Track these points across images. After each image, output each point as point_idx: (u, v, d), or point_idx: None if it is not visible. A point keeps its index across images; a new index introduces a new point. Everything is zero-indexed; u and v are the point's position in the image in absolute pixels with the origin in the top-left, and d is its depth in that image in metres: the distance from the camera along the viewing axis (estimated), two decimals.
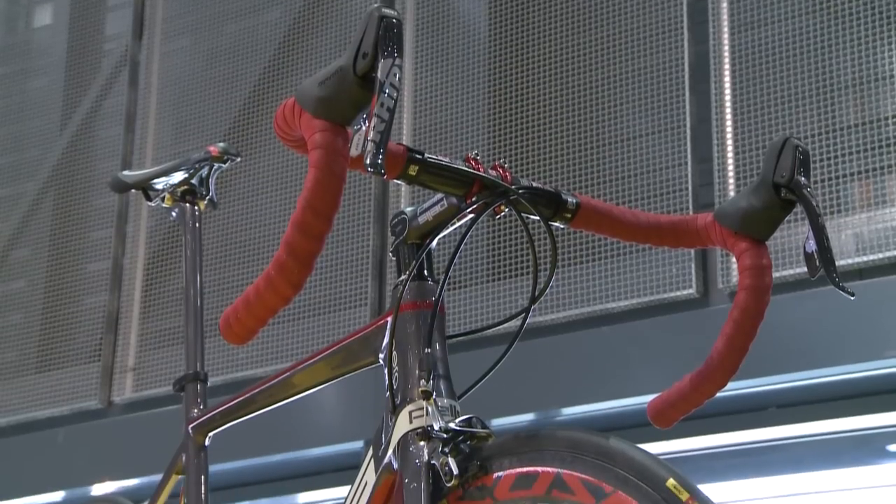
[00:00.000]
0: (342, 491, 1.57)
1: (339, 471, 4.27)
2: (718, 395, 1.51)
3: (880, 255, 3.26)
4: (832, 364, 3.34)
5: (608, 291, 3.62)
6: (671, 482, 1.21)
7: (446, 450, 1.42)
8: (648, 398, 1.56)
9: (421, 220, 1.53)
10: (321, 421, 4.19)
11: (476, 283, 3.84)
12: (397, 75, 1.32)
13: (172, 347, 4.39)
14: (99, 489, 4.50)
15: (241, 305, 1.36)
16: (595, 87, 3.78)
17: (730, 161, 3.49)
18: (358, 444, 4.00)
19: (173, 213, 2.14)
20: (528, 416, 3.77)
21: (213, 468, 1.98)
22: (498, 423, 3.57)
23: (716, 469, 3.86)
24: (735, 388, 3.38)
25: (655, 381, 1.51)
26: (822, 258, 1.43)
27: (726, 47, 3.57)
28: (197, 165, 2.09)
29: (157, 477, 2.03)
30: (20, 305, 4.81)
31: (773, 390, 3.50)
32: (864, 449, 3.69)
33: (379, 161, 1.30)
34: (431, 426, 1.44)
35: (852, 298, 1.44)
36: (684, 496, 1.19)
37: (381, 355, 1.56)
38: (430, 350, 1.49)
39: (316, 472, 4.45)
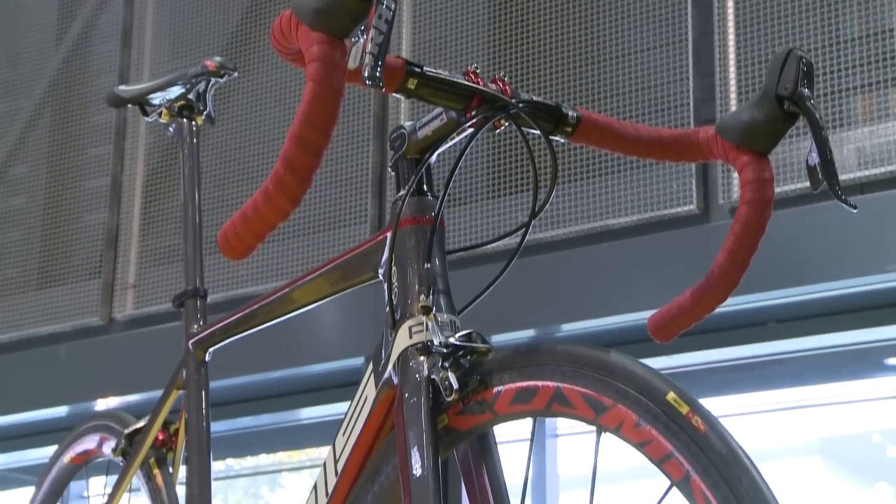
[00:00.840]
0: (343, 407, 1.58)
1: (340, 387, 4.29)
2: (718, 310, 1.51)
3: (882, 170, 3.24)
4: (832, 279, 3.34)
5: (608, 208, 3.61)
6: (671, 395, 1.21)
7: (446, 364, 1.42)
8: (649, 314, 1.56)
9: (420, 134, 1.52)
10: (322, 337, 4.20)
11: (476, 200, 3.83)
12: None
13: (172, 264, 4.39)
14: (102, 405, 4.53)
15: (239, 221, 1.35)
16: (596, 0, 3.74)
17: (732, 75, 3.46)
18: (359, 361, 4.02)
19: (170, 129, 2.12)
20: (528, 333, 3.78)
21: (214, 384, 1.99)
22: (498, 339, 3.59)
23: (715, 383, 3.88)
24: (734, 303, 3.38)
25: (655, 297, 1.50)
26: (824, 171, 1.42)
27: None
28: (194, 80, 2.07)
29: (159, 393, 2.04)
30: (20, 222, 4.80)
31: (773, 305, 3.50)
32: (862, 362, 3.71)
33: (377, 74, 1.28)
34: (431, 341, 1.44)
35: (854, 211, 1.43)
36: (684, 409, 1.19)
37: (381, 271, 1.56)
38: (429, 265, 1.49)
39: (317, 388, 4.48)
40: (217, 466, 5.68)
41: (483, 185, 3.84)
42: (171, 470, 2.03)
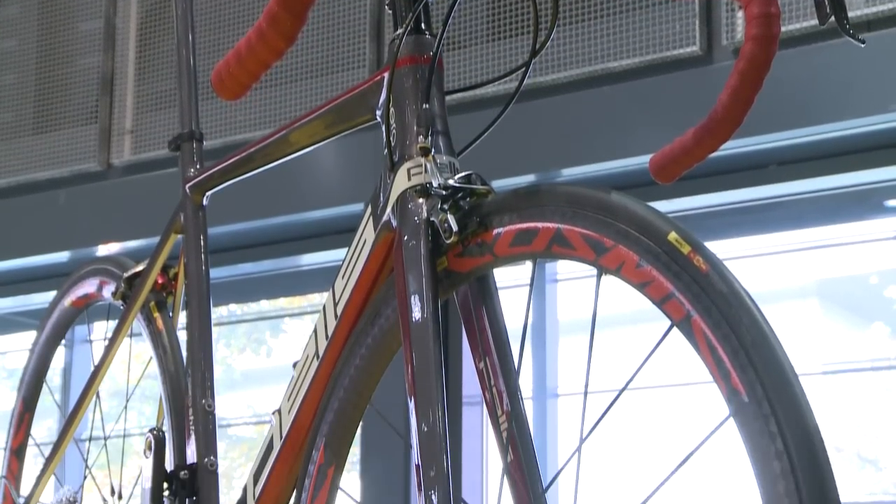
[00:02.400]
0: (344, 253, 1.57)
1: (341, 233, 4.30)
2: (719, 152, 1.48)
3: (890, 6, 3.17)
4: (834, 119, 3.31)
5: (609, 50, 3.56)
6: (673, 235, 1.19)
7: (445, 206, 1.40)
8: (650, 158, 1.54)
9: None
10: (322, 183, 4.19)
11: (475, 43, 3.77)
12: None
13: (170, 110, 4.36)
14: (103, 251, 4.55)
15: (233, 59, 1.33)
16: None
17: None
18: (359, 206, 4.02)
19: None
20: (528, 178, 3.77)
21: (214, 231, 1.98)
22: (498, 184, 3.57)
23: (715, 227, 3.89)
24: (736, 146, 3.36)
25: (657, 141, 1.48)
26: (832, 3, 1.38)
27: None
28: None
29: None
30: (12, 65, 4.75)
31: (774, 147, 3.48)
32: (862, 204, 3.71)
33: None
34: (430, 183, 1.42)
35: (863, 46, 1.39)
36: (686, 249, 1.18)
37: (378, 112, 1.54)
38: (428, 106, 1.46)
39: (318, 234, 4.48)
40: (219, 312, 5.73)
41: (482, 27, 3.78)
42: (171, 314, 2.04)
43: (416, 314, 1.38)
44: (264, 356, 6.28)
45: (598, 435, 1.30)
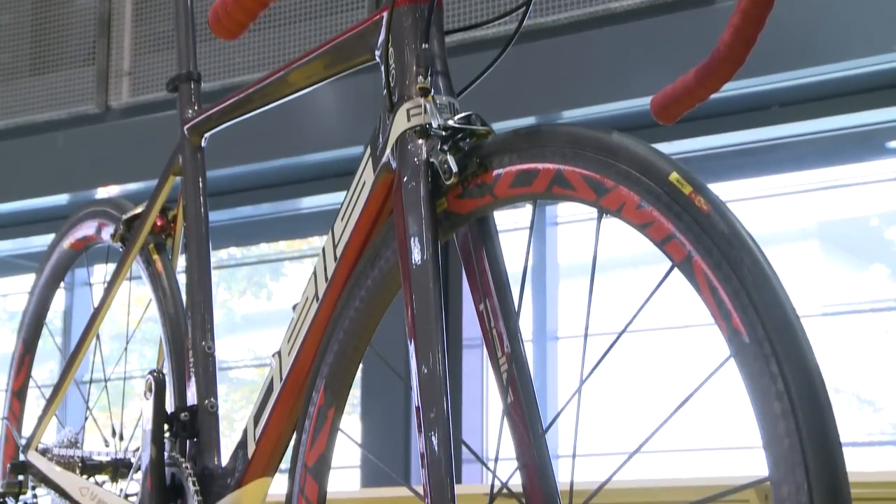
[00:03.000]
0: (344, 196, 1.56)
1: (341, 176, 4.29)
2: (721, 94, 1.47)
3: None
4: (837, 60, 3.29)
5: None
6: (674, 176, 1.18)
7: (445, 147, 1.39)
8: (651, 98, 1.52)
9: None
10: (321, 125, 4.17)
11: None
12: None
13: (168, 51, 4.33)
14: (103, 194, 4.54)
15: None
16: None
17: None
18: (359, 149, 4.00)
19: None
20: (528, 120, 3.75)
21: (213, 174, 1.97)
22: (498, 126, 3.55)
23: (716, 169, 3.88)
24: (738, 87, 3.35)
25: (659, 83, 1.46)
26: None
27: None
28: None
29: None
30: (9, 5, 4.71)
31: (777, 89, 3.47)
32: (864, 145, 3.70)
33: None
34: (430, 123, 1.41)
35: None
36: (687, 189, 1.17)
37: (377, 52, 1.52)
38: (427, 46, 1.45)
39: (317, 177, 4.47)
40: (219, 255, 5.73)
41: None
42: (170, 257, 2.03)
43: (416, 256, 1.37)
44: (265, 299, 6.29)
45: (598, 377, 1.29)
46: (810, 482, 1.00)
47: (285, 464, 1.60)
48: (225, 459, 1.72)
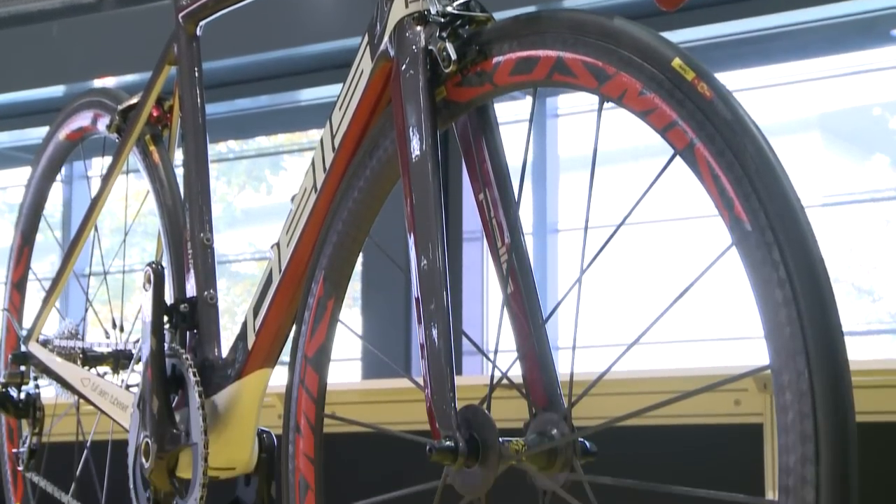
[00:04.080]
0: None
1: (340, 67, 4.24)
2: None
3: None
4: None
5: None
6: (677, 62, 1.16)
7: (444, 34, 1.37)
8: None
9: None
10: (320, 15, 4.12)
11: None
12: None
13: None
14: (98, 84, 4.51)
15: None
16: None
17: None
18: (358, 40, 3.96)
19: None
20: (529, 7, 3.71)
21: (210, 65, 1.94)
22: (498, 13, 3.51)
23: (720, 58, 3.84)
24: None
25: None
26: None
27: None
28: None
29: None
30: None
31: None
32: (868, 33, 3.66)
33: None
34: (428, 10, 1.39)
35: None
36: (690, 75, 1.15)
37: None
38: None
39: (316, 68, 4.44)
40: (217, 149, 5.70)
41: None
42: (166, 148, 2.01)
43: (415, 147, 1.36)
44: (264, 193, 6.29)
45: (598, 268, 1.29)
46: (811, 369, 1.00)
47: (285, 356, 1.60)
48: (225, 351, 1.73)
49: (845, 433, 0.99)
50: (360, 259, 1.58)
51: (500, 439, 1.26)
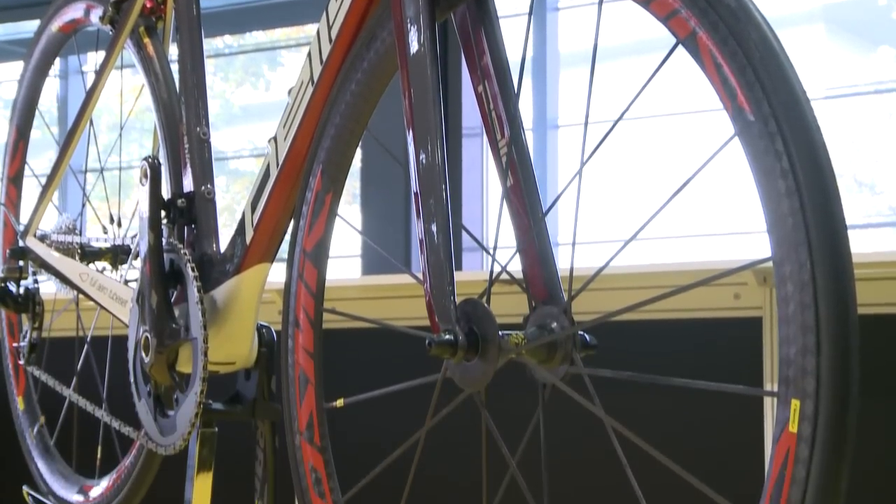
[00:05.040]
0: None
1: None
2: None
3: None
4: None
5: None
6: None
7: None
8: None
9: None
10: None
11: None
12: None
13: None
14: None
15: None
16: None
17: None
18: None
19: None
20: None
21: None
22: None
23: None
24: None
25: None
26: None
27: None
28: None
29: None
30: None
31: None
32: None
33: None
34: None
35: None
36: None
37: None
38: None
39: None
40: (214, 44, 5.64)
41: None
42: (161, 40, 1.98)
43: (413, 40, 1.34)
44: (262, 90, 6.23)
45: (599, 163, 1.27)
46: (813, 260, 0.99)
47: (285, 253, 1.60)
48: (223, 247, 1.72)
49: (846, 324, 0.98)
50: (359, 156, 1.56)
51: (500, 333, 1.26)
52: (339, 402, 1.50)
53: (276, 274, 1.65)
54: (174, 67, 1.92)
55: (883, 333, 2.16)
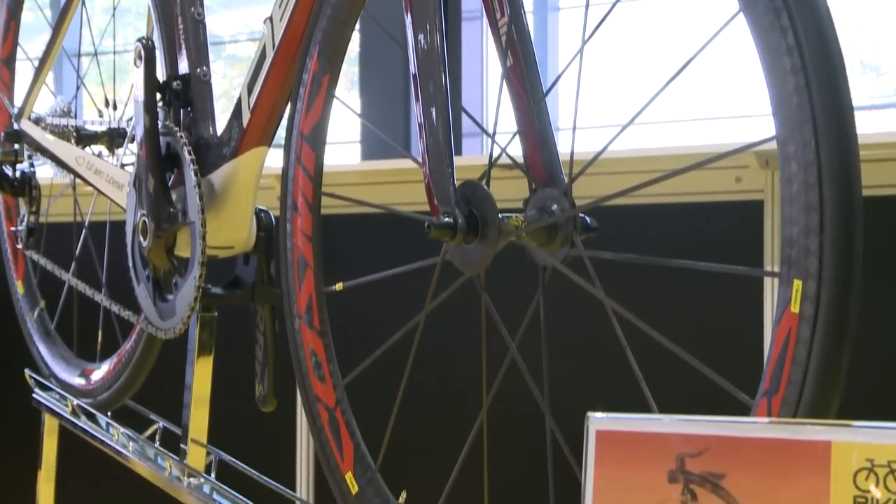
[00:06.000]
0: None
1: None
2: None
3: None
4: None
5: None
6: None
7: None
8: None
9: None
10: None
11: None
12: None
13: None
14: None
15: None
16: None
17: None
18: None
19: None
20: None
21: None
22: None
23: None
24: None
25: None
26: None
27: None
28: None
29: None
30: None
31: None
32: None
33: None
34: None
35: None
36: None
37: None
38: None
39: None
40: None
41: None
42: None
43: None
44: None
45: (600, 45, 1.25)
46: (818, 139, 0.97)
47: (282, 139, 1.58)
48: (220, 130, 1.70)
49: (850, 202, 0.96)
50: (357, 41, 1.53)
51: (500, 215, 1.25)
52: (339, 286, 1.49)
53: (277, 160, 1.64)
54: None
55: (886, 215, 2.15)
